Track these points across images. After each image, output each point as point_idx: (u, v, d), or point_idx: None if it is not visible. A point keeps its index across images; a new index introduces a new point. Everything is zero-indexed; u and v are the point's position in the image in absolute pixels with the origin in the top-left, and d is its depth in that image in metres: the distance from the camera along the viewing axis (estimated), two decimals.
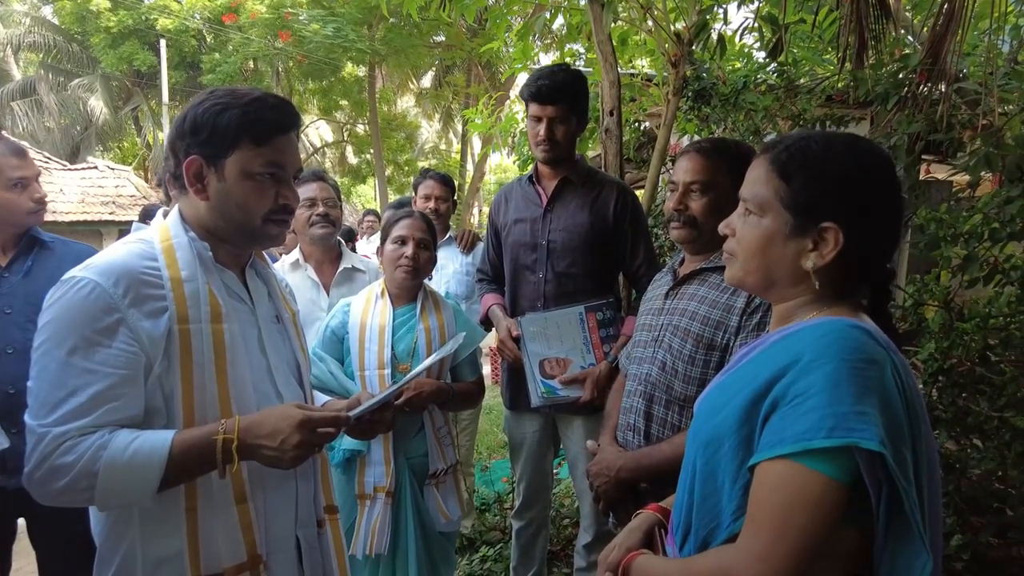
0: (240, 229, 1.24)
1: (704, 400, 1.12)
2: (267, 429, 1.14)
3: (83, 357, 1.08)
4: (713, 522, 0.99)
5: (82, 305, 1.10)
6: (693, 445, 1.06)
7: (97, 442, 1.06)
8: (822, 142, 0.99)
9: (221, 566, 1.17)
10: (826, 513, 0.85)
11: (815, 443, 0.84)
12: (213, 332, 1.19)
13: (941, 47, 2.67)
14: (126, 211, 13.11)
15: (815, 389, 0.86)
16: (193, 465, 1.12)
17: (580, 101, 2.29)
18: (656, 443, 1.69)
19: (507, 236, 2.45)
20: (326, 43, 14.99)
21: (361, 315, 2.16)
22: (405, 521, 2.10)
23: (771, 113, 3.88)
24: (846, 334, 0.91)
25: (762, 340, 1.07)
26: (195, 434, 1.12)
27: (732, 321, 1.60)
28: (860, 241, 0.96)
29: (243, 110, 1.18)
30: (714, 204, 1.67)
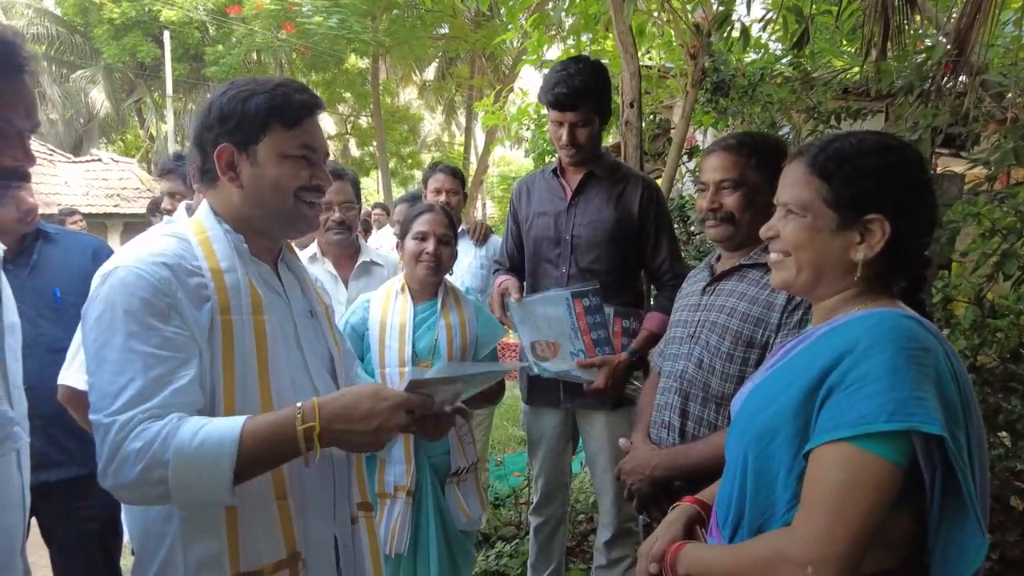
0: (274, 211, 1.22)
1: (751, 394, 1.12)
2: (361, 412, 1.08)
3: (140, 341, 1.05)
4: (767, 512, 1.00)
5: (132, 291, 1.07)
6: (743, 439, 1.07)
7: (167, 428, 1.01)
8: (855, 141, 1.05)
9: (261, 563, 1.15)
10: (884, 496, 0.87)
11: (876, 426, 0.86)
12: (254, 323, 1.17)
13: (968, 38, 2.62)
14: (130, 204, 13.09)
15: (874, 375, 0.89)
16: (269, 454, 1.06)
17: (602, 99, 2.22)
18: (692, 441, 1.67)
19: (529, 229, 2.40)
20: (330, 35, 14.91)
21: (381, 312, 2.13)
22: (426, 520, 2.08)
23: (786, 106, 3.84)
24: (900, 323, 0.95)
25: (807, 335, 1.09)
26: (268, 420, 1.07)
27: (773, 318, 1.58)
28: (904, 231, 1.01)
29: (270, 95, 1.17)
30: (748, 198, 1.67)
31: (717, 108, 3.67)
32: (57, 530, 2.10)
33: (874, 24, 2.70)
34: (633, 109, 2.85)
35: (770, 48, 4.07)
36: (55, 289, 2.08)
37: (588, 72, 2.15)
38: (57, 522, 2.08)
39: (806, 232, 1.05)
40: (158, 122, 19.20)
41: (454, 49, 19.31)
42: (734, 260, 1.73)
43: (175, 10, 16.29)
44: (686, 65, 3.26)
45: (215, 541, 1.12)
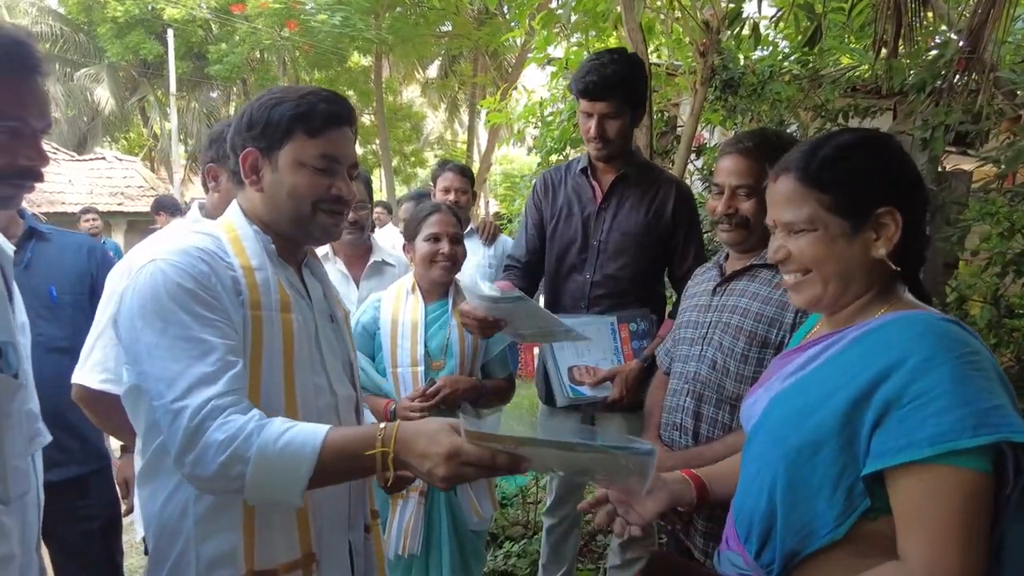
0: (292, 219, 1.23)
1: (776, 405, 1.07)
2: (418, 450, 1.05)
3: (192, 328, 1.06)
4: (805, 529, 0.97)
5: (176, 281, 1.08)
6: (775, 451, 1.02)
7: (251, 424, 1.02)
8: (835, 144, 1.04)
9: (275, 562, 1.16)
10: (989, 509, 0.86)
11: (962, 443, 0.83)
12: (282, 321, 1.19)
13: (981, 35, 2.60)
14: (134, 202, 13.11)
15: (940, 389, 0.86)
16: (345, 466, 1.07)
17: (635, 91, 2.12)
18: (706, 443, 1.66)
19: (553, 229, 2.29)
20: (334, 32, 14.90)
21: (392, 311, 2.12)
22: (438, 520, 2.08)
23: (794, 104, 3.82)
24: (944, 329, 0.93)
25: (832, 339, 1.05)
26: (349, 435, 1.07)
27: (787, 318, 1.56)
28: (914, 218, 1.00)
29: (296, 103, 1.19)
30: (764, 204, 1.63)
31: (726, 106, 3.66)
32: (58, 529, 2.07)
33: (886, 21, 2.68)
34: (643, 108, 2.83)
35: (779, 46, 4.05)
36: (51, 288, 2.06)
37: (622, 63, 2.07)
38: (58, 521, 2.07)
39: (823, 245, 1.02)
40: (162, 120, 19.19)
41: (457, 47, 19.28)
42: (744, 260, 1.71)
43: (178, 8, 16.29)
44: (695, 62, 3.24)
45: (230, 538, 1.13)
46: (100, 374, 1.70)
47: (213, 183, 1.76)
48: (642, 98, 2.17)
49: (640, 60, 2.19)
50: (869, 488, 0.92)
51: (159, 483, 1.15)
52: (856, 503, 0.92)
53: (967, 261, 2.85)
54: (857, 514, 0.92)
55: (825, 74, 4.05)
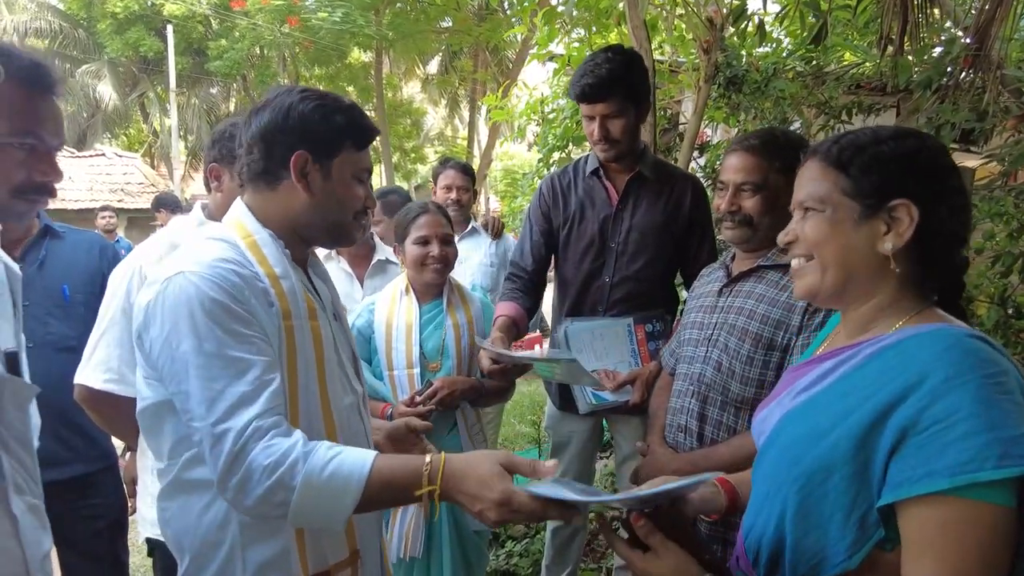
0: (332, 223, 1.26)
1: (789, 423, 1.01)
2: (469, 491, 1.04)
3: (228, 346, 1.05)
4: (816, 558, 0.91)
5: (209, 296, 1.06)
6: (786, 474, 0.96)
7: (296, 452, 1.01)
8: (869, 131, 0.98)
9: (327, 563, 1.19)
10: (1012, 544, 0.79)
11: (983, 475, 0.77)
12: (312, 329, 1.20)
13: (987, 32, 2.59)
14: (134, 198, 13.11)
15: (963, 414, 0.79)
16: (389, 497, 1.09)
17: (636, 87, 2.06)
18: (711, 445, 1.64)
19: (567, 235, 2.22)
20: (334, 29, 14.85)
21: (387, 314, 2.10)
22: (439, 522, 2.06)
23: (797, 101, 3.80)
24: (971, 346, 0.85)
25: (848, 353, 0.99)
26: (396, 467, 1.06)
27: (794, 320, 1.54)
28: (937, 218, 0.92)
29: (348, 116, 1.22)
30: (768, 202, 1.62)
31: (729, 103, 3.64)
32: (65, 528, 2.08)
33: (892, 18, 2.66)
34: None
35: (782, 43, 4.03)
36: (64, 287, 2.06)
37: (618, 60, 2.01)
38: (65, 520, 2.08)
39: (827, 225, 0.97)
40: (162, 117, 19.15)
41: (457, 43, 19.21)
42: (751, 261, 1.69)
43: (178, 4, 16.23)
44: (698, 59, 3.22)
45: (279, 543, 1.14)
46: (104, 374, 1.69)
47: (216, 183, 1.75)
48: (644, 93, 2.12)
49: (638, 55, 2.13)
50: (884, 517, 0.86)
51: (193, 496, 1.14)
52: (870, 533, 0.87)
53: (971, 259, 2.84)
54: (871, 544, 0.87)
55: (829, 71, 4.03)
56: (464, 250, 3.26)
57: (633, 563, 0.99)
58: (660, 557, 0.97)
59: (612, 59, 2.01)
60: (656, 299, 2.21)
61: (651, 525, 0.98)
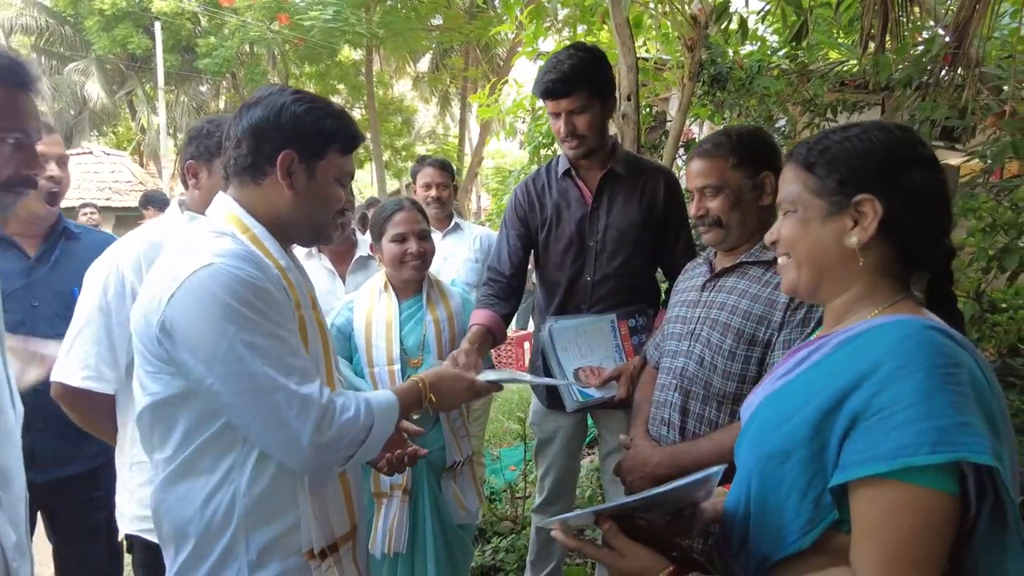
0: (313, 222, 1.31)
1: (763, 405, 1.06)
2: (446, 387, 1.45)
3: (279, 326, 1.15)
4: (774, 536, 0.95)
5: (240, 286, 1.11)
6: (752, 455, 1.01)
7: (362, 399, 1.23)
8: (839, 130, 1.02)
9: (334, 536, 1.26)
10: (950, 528, 0.82)
11: (917, 460, 0.80)
12: (315, 319, 1.28)
13: (966, 31, 2.61)
14: (122, 197, 13.01)
15: (907, 401, 0.82)
16: (401, 415, 1.34)
17: (600, 82, 2.05)
18: (693, 438, 1.66)
19: (545, 237, 2.22)
20: (325, 27, 14.79)
21: (366, 311, 2.10)
22: (423, 517, 2.07)
23: (783, 99, 3.83)
24: (926, 336, 0.87)
25: (820, 342, 1.03)
26: (403, 388, 1.39)
27: (775, 316, 1.56)
28: (902, 210, 0.94)
29: (337, 121, 1.27)
30: (731, 200, 1.66)
31: (714, 101, 3.66)
32: (67, 522, 2.12)
33: (873, 16, 2.68)
34: (630, 102, 2.82)
35: (767, 40, 4.05)
36: (74, 289, 2.05)
37: (580, 56, 2.01)
38: (69, 515, 2.11)
39: (798, 225, 1.02)
40: (150, 114, 19.02)
41: (448, 40, 19.21)
42: (732, 257, 1.71)
43: (166, 1, 16.12)
44: (683, 57, 3.23)
45: (283, 523, 1.20)
46: (81, 371, 1.68)
47: (193, 180, 1.74)
48: (609, 87, 2.10)
49: (600, 50, 2.12)
50: (838, 500, 0.89)
51: (200, 481, 1.17)
52: (824, 514, 0.90)
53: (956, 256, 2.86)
54: (824, 524, 0.90)
55: (814, 69, 4.06)
56: (448, 247, 3.26)
57: (606, 563, 1.04)
58: (625, 557, 1.01)
59: (575, 55, 2.01)
60: (639, 294, 2.22)
61: (616, 528, 1.02)
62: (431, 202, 3.20)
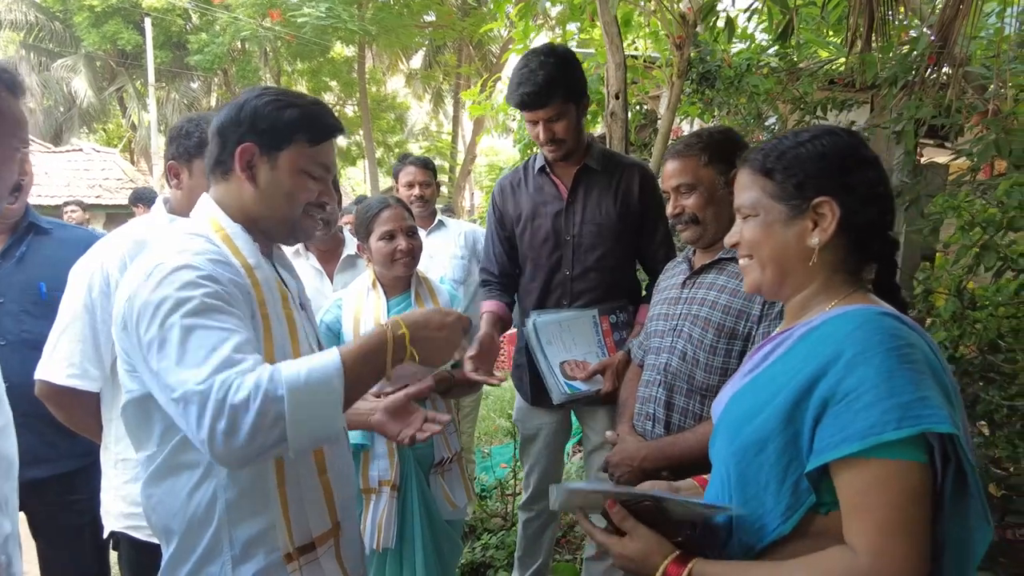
0: (280, 217, 1.27)
1: (732, 404, 1.10)
2: (435, 323, 1.23)
3: (211, 319, 1.06)
4: (756, 524, 0.99)
5: (190, 279, 1.09)
6: (727, 450, 1.05)
7: (266, 372, 1.02)
8: (791, 136, 1.07)
9: (311, 535, 1.24)
10: (926, 497, 0.88)
11: (886, 435, 0.85)
12: (286, 317, 1.25)
13: (951, 30, 2.63)
14: (113, 194, 12.93)
15: (869, 383, 0.88)
16: (368, 370, 1.13)
17: (573, 86, 2.08)
18: (678, 432, 1.69)
19: (523, 233, 2.27)
20: (317, 23, 14.74)
21: (355, 309, 2.10)
22: (412, 513, 2.08)
23: (772, 97, 3.84)
24: (880, 323, 0.94)
25: (783, 336, 1.08)
26: (360, 342, 1.15)
27: (754, 309, 1.61)
28: (855, 210, 1.00)
29: (304, 110, 1.24)
30: (705, 197, 1.71)
31: (703, 99, 3.67)
32: (48, 524, 2.08)
33: (859, 16, 2.70)
34: (619, 100, 2.84)
35: (756, 39, 4.06)
36: (41, 284, 2.04)
37: (551, 63, 2.02)
38: (48, 517, 2.07)
39: (760, 229, 1.06)
40: (140, 111, 18.90)
41: (441, 37, 19.18)
42: (711, 254, 1.76)
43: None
44: (672, 55, 3.24)
45: (265, 519, 1.18)
46: (66, 369, 1.68)
47: (175, 180, 1.74)
48: (582, 89, 2.13)
49: (570, 51, 2.14)
50: (815, 484, 0.93)
51: (182, 477, 1.17)
52: (802, 498, 0.94)
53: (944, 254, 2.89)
54: (803, 509, 0.94)
55: (803, 67, 4.08)
56: (433, 244, 3.26)
57: (611, 548, 1.06)
58: (634, 540, 1.04)
59: (545, 63, 2.02)
60: (619, 289, 2.24)
61: (625, 511, 1.05)
62: (414, 200, 3.20)
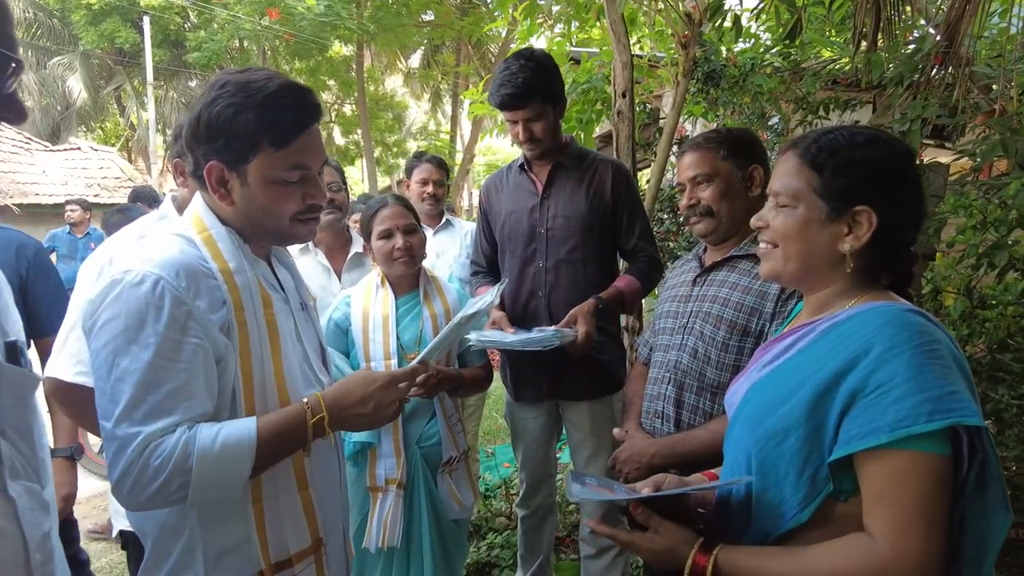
0: (268, 232, 1.23)
1: (754, 392, 1.11)
2: (355, 397, 1.19)
3: (157, 354, 1.04)
4: (774, 512, 1.01)
5: (148, 298, 1.05)
6: (748, 438, 1.06)
7: (182, 439, 1.03)
8: (847, 133, 1.06)
9: (288, 552, 1.20)
10: (948, 488, 0.90)
11: (917, 428, 0.88)
12: (266, 321, 1.19)
13: (957, 30, 2.63)
14: (111, 193, 12.88)
15: (900, 377, 0.90)
16: (283, 447, 1.13)
17: (551, 89, 2.20)
18: (688, 429, 1.69)
19: (502, 227, 2.39)
20: (316, 21, 14.71)
21: (363, 306, 2.11)
22: (418, 511, 2.07)
23: (775, 96, 3.84)
24: (907, 319, 0.96)
25: (806, 329, 1.09)
26: (279, 417, 1.13)
27: (767, 307, 1.60)
28: (891, 223, 1.02)
29: (258, 112, 1.11)
30: (722, 189, 1.71)
31: (708, 98, 3.67)
32: None
33: (865, 15, 2.70)
34: (625, 99, 2.83)
35: (760, 38, 4.06)
36: None
37: (531, 67, 2.13)
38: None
39: (796, 222, 1.06)
40: (138, 110, 18.85)
41: (440, 36, 19.16)
42: (722, 251, 1.76)
43: None
44: (677, 55, 3.24)
45: (238, 530, 1.15)
46: (74, 366, 1.67)
47: (181, 178, 1.73)
48: (559, 93, 2.25)
49: (549, 56, 2.24)
50: (835, 473, 0.95)
51: None
52: (820, 488, 0.96)
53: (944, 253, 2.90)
54: (821, 498, 0.96)
55: (806, 67, 4.08)
56: (440, 243, 3.26)
57: (639, 545, 1.08)
58: (660, 535, 1.06)
59: (526, 67, 2.13)
60: (595, 284, 2.23)
61: (649, 511, 1.08)
62: (426, 198, 3.21)
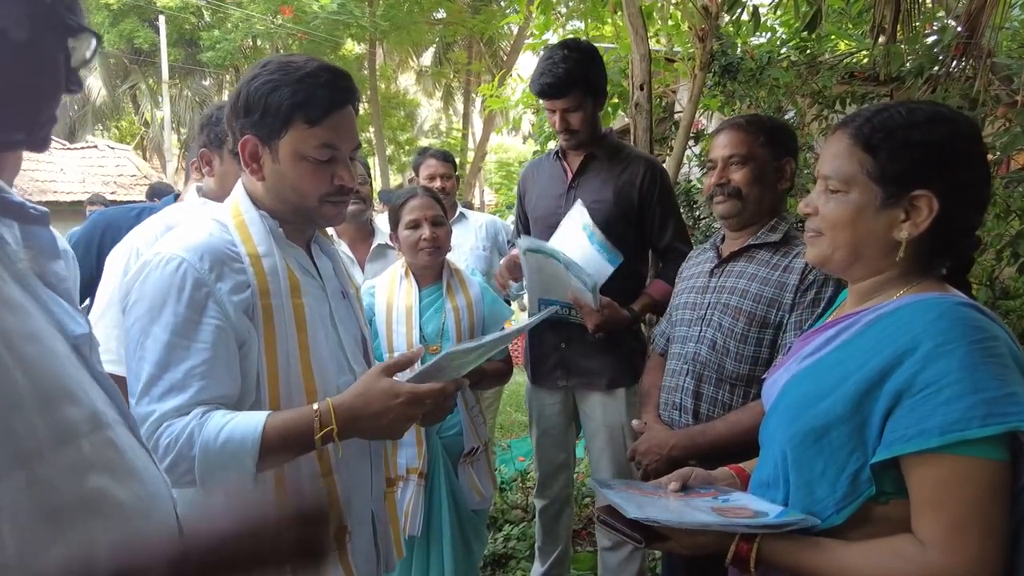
0: (296, 210, 1.23)
1: (795, 383, 1.05)
2: (374, 409, 1.11)
3: (175, 333, 1.09)
4: (810, 510, 0.96)
5: (171, 280, 1.10)
6: (786, 432, 1.01)
7: (191, 426, 1.06)
8: (905, 112, 0.96)
9: None
10: (1007, 495, 0.84)
11: (970, 433, 0.81)
12: (293, 307, 1.20)
13: (978, 21, 2.61)
14: (127, 191, 13.02)
15: (951, 377, 0.84)
16: (290, 451, 1.11)
17: (592, 82, 2.19)
18: (707, 421, 1.68)
19: (533, 211, 2.43)
20: (329, 20, 14.77)
21: (387, 297, 2.13)
22: (439, 501, 2.09)
23: (791, 90, 3.82)
24: (961, 313, 0.89)
25: (849, 320, 1.02)
26: (288, 418, 1.10)
27: (786, 298, 1.59)
28: (954, 209, 0.93)
29: (294, 88, 1.13)
30: (756, 174, 1.68)
31: (724, 92, 3.65)
32: None
33: (884, 7, 2.69)
34: (643, 92, 2.83)
35: (776, 31, 4.04)
36: None
37: (574, 58, 2.13)
38: None
39: (848, 210, 0.97)
40: (153, 108, 19.02)
41: (452, 34, 19.15)
42: (740, 240, 1.73)
43: None
44: (694, 48, 3.23)
45: None
46: (103, 355, 1.69)
47: (207, 168, 1.76)
48: (601, 86, 2.25)
49: (593, 48, 2.23)
50: (877, 474, 0.90)
51: None
52: (861, 489, 0.91)
53: None
54: (860, 500, 0.91)
55: (823, 60, 4.05)
56: (454, 236, 3.28)
57: (681, 542, 1.02)
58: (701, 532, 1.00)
59: (569, 57, 2.12)
60: (616, 276, 2.19)
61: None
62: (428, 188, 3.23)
